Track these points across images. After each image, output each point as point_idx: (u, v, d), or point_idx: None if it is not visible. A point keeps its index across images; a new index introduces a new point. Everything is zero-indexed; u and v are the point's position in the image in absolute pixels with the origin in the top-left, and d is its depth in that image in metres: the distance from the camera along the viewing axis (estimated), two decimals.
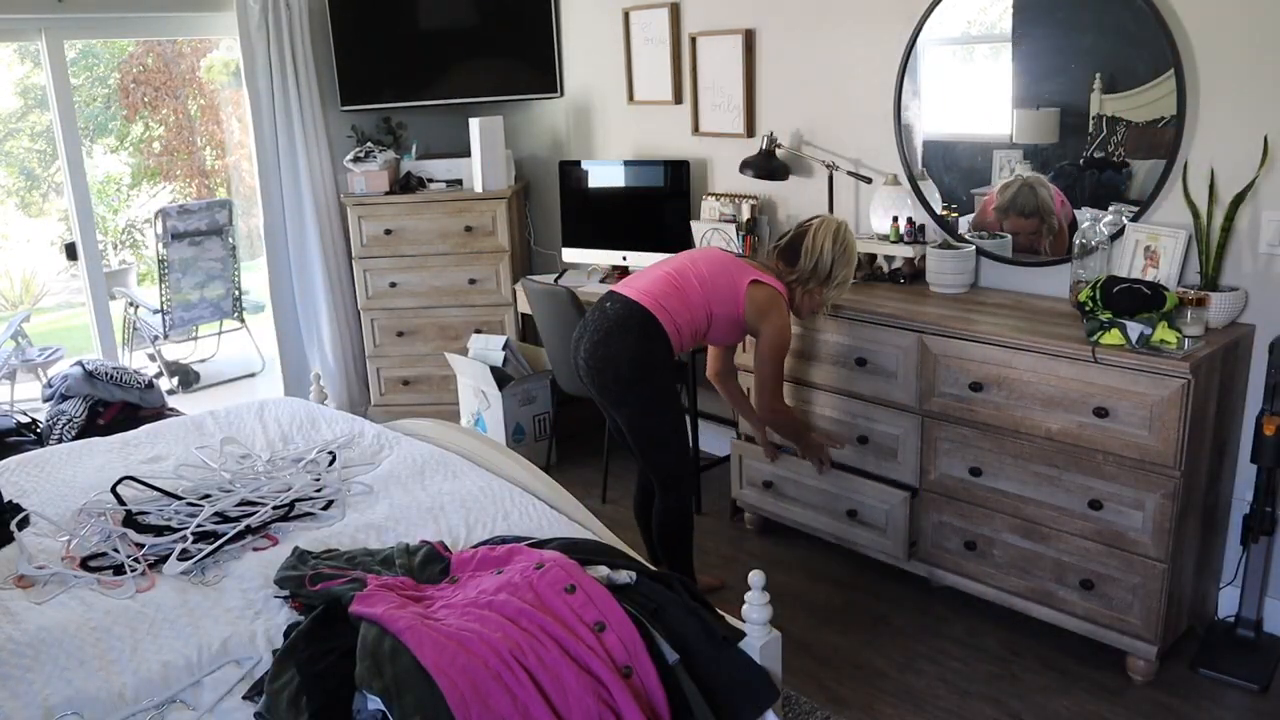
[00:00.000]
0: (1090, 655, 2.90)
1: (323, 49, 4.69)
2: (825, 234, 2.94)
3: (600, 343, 2.87)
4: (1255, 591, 2.83)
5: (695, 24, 4.08)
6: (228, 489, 2.63)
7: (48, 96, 4.29)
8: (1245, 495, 2.85)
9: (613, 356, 2.85)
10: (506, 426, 4.33)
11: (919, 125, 3.44)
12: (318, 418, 3.23)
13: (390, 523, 2.49)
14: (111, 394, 4.07)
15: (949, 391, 2.98)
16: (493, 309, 4.69)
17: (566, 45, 4.68)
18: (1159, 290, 2.64)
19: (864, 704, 2.75)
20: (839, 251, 2.95)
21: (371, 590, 1.99)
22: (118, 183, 8.52)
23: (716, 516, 3.91)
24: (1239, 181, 2.73)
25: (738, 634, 1.97)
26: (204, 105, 8.36)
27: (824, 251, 2.93)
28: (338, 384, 4.93)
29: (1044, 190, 3.15)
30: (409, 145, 4.91)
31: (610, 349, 2.85)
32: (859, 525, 3.28)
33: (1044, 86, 3.12)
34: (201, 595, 2.18)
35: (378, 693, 1.71)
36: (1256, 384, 2.80)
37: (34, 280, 8.33)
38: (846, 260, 2.97)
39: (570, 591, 1.90)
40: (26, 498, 2.67)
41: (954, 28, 3.29)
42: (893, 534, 3.19)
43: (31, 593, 2.19)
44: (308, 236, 4.75)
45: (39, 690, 1.85)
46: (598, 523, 2.58)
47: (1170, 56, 2.79)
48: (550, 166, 4.84)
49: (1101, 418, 2.67)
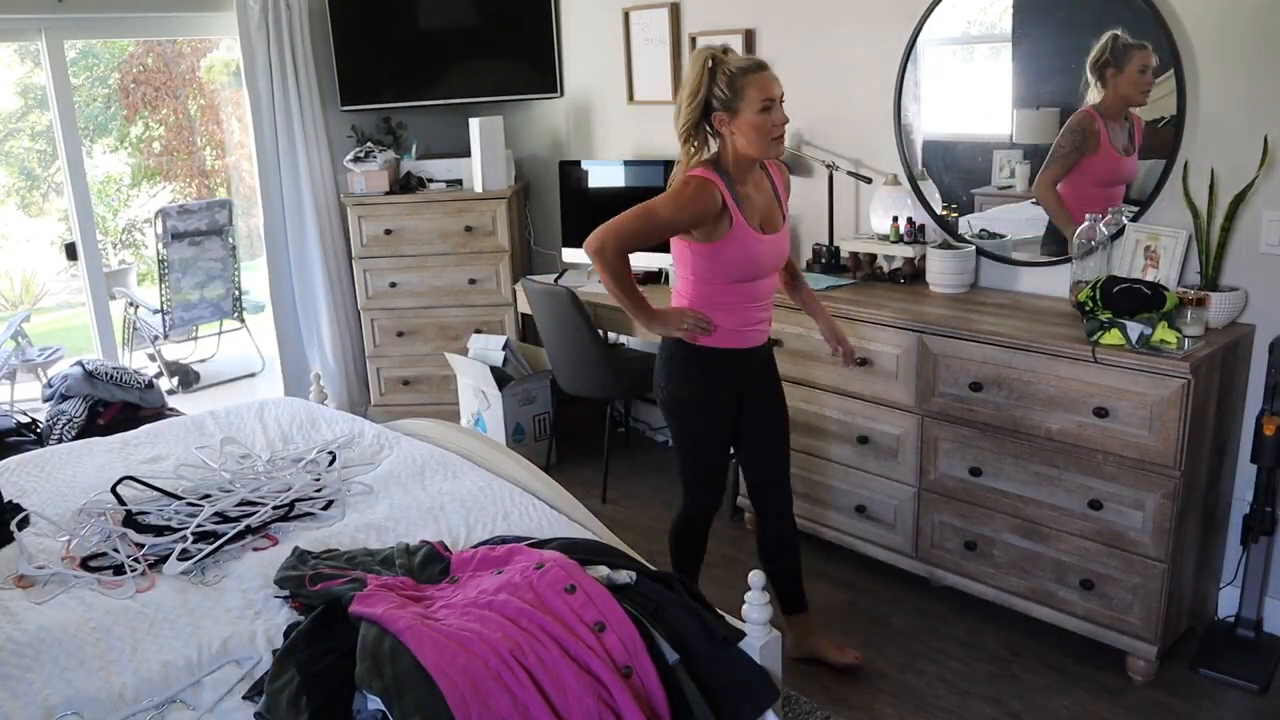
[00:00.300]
0: (1090, 655, 2.90)
1: (323, 49, 4.69)
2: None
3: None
4: (1255, 591, 2.83)
5: (695, 24, 4.08)
6: (228, 489, 2.63)
7: (48, 96, 4.29)
8: (1245, 495, 2.85)
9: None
10: (506, 426, 4.33)
11: (919, 125, 3.44)
12: (318, 418, 3.23)
13: (390, 523, 2.49)
14: (111, 394, 4.07)
15: (949, 391, 2.98)
16: (493, 309, 4.69)
17: (566, 45, 4.68)
18: (1159, 290, 2.64)
19: (864, 704, 2.75)
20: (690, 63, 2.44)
21: (371, 590, 1.99)
22: (118, 183, 8.53)
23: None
24: (1239, 181, 2.73)
25: (738, 634, 1.97)
26: (204, 105, 8.36)
27: (685, 79, 2.45)
28: (338, 384, 4.93)
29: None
30: (409, 145, 4.91)
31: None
32: (867, 521, 3.29)
33: (1044, 86, 3.12)
34: (201, 595, 2.18)
35: (378, 693, 1.71)
36: (1256, 384, 2.80)
37: (34, 280, 8.33)
38: (688, 79, 2.42)
39: (570, 591, 1.90)
40: (26, 498, 2.67)
41: (954, 28, 3.29)
42: (901, 529, 3.19)
43: (31, 593, 2.19)
44: (308, 236, 4.75)
45: (39, 690, 1.85)
46: (598, 523, 2.58)
47: (1170, 56, 2.80)
48: (550, 166, 4.84)
49: (1101, 418, 2.67)
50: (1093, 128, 2.96)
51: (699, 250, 2.48)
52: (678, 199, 2.42)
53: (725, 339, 2.55)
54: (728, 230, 2.43)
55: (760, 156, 2.46)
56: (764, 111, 2.37)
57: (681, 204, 2.41)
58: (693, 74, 2.41)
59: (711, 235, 2.44)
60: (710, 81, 2.38)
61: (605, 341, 3.98)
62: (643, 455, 4.57)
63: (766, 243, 2.50)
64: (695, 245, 2.47)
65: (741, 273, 2.49)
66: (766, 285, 2.58)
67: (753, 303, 2.56)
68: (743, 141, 2.41)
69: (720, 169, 2.45)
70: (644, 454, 4.58)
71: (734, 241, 2.45)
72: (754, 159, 2.47)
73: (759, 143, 2.40)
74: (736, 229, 2.44)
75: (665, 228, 2.44)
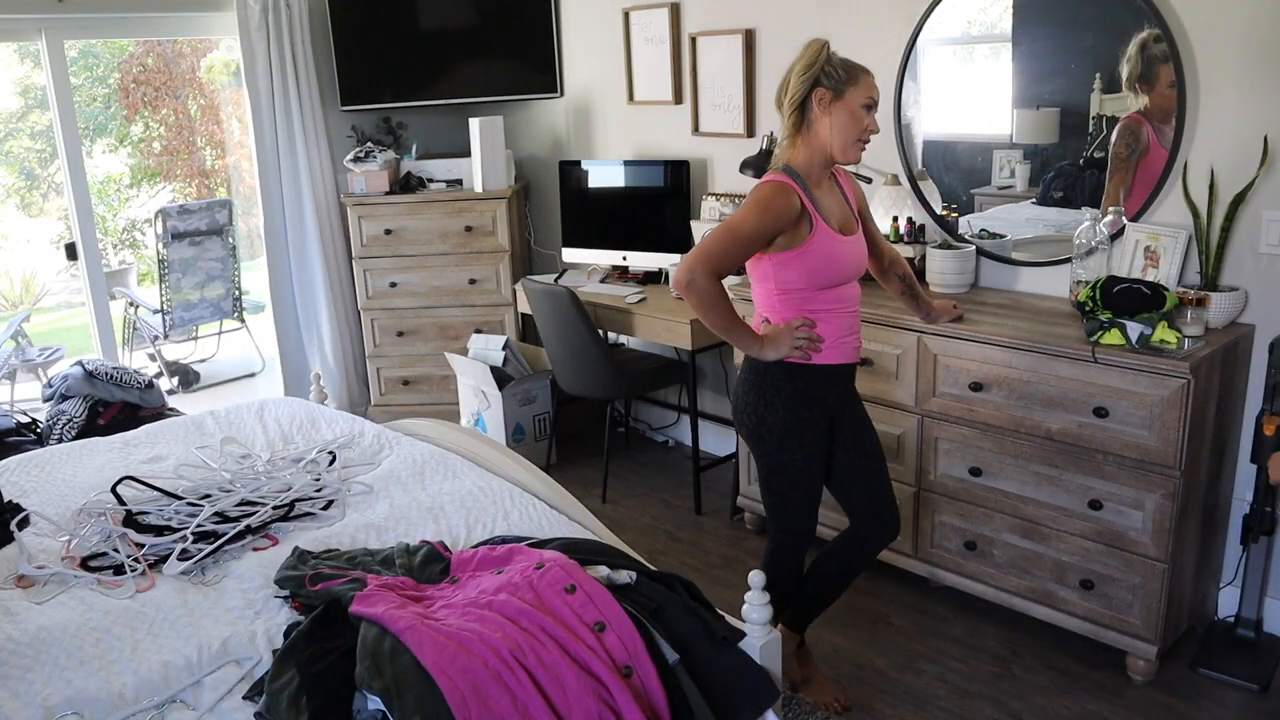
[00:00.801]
0: (1090, 655, 2.90)
1: (323, 49, 4.69)
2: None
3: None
4: (1255, 591, 2.83)
5: (695, 24, 4.08)
6: (228, 489, 2.63)
7: (48, 96, 4.29)
8: (1245, 495, 2.85)
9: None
10: (506, 426, 4.33)
11: (919, 125, 3.44)
12: (318, 418, 3.23)
13: (390, 523, 2.49)
14: (111, 394, 4.07)
15: (949, 391, 2.98)
16: (493, 309, 4.69)
17: (566, 45, 4.68)
18: (1159, 290, 2.64)
19: (864, 704, 2.75)
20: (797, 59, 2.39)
21: (371, 590, 1.99)
22: (118, 183, 8.53)
23: (716, 516, 3.91)
24: (1239, 181, 2.73)
25: (738, 634, 1.96)
26: (204, 105, 8.36)
27: (798, 58, 2.39)
28: (338, 384, 4.93)
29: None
30: (409, 145, 4.91)
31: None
32: None
33: (1044, 86, 3.12)
34: (201, 595, 2.18)
35: (378, 693, 1.71)
36: (1256, 384, 2.80)
37: (34, 280, 8.33)
38: (803, 56, 2.37)
39: (570, 591, 1.90)
40: (26, 498, 2.67)
41: (954, 28, 3.29)
42: (901, 529, 3.18)
43: (31, 593, 2.19)
44: (308, 236, 4.75)
45: (39, 690, 1.85)
46: (598, 523, 2.58)
47: (1171, 56, 2.79)
48: (550, 166, 4.84)
49: (1101, 418, 2.67)
50: (1141, 133, 2.93)
51: (782, 260, 2.38)
52: (758, 206, 2.32)
53: (826, 354, 2.44)
54: (809, 234, 2.35)
55: (838, 154, 2.37)
56: (865, 108, 2.35)
57: (763, 210, 2.32)
58: (808, 52, 2.36)
59: (793, 241, 2.35)
60: (826, 62, 2.34)
61: (605, 341, 3.98)
62: (643, 455, 4.57)
63: (848, 244, 2.43)
64: (778, 256, 2.38)
65: (830, 276, 2.40)
66: (854, 292, 2.49)
67: (848, 310, 2.46)
68: (829, 131, 2.34)
69: (793, 174, 2.38)
70: (644, 454, 4.58)
71: (817, 243, 2.36)
72: (829, 160, 2.39)
73: (847, 135, 2.34)
74: (818, 231, 2.35)
75: (751, 240, 2.33)
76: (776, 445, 2.48)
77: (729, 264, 2.34)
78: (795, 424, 2.46)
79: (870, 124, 2.36)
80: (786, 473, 2.52)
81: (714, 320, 2.36)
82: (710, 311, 2.35)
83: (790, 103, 2.38)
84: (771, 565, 2.63)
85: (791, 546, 2.63)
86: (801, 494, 2.55)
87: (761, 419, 2.47)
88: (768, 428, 2.47)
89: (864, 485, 2.61)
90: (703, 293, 2.32)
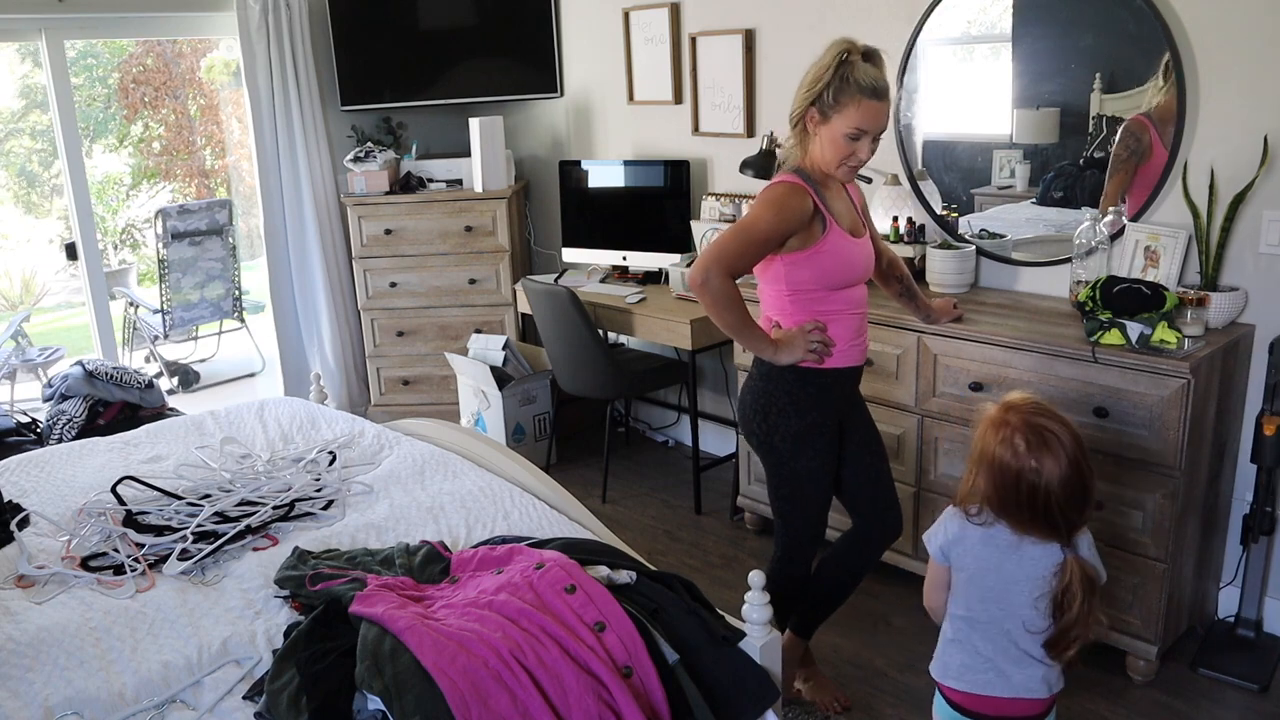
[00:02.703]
0: (1090, 655, 2.89)
1: (323, 49, 4.69)
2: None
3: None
4: (1255, 591, 2.83)
5: (695, 24, 4.08)
6: (228, 489, 2.63)
7: (48, 96, 4.30)
8: (1245, 495, 2.85)
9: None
10: (506, 426, 4.33)
11: (919, 125, 3.44)
12: (318, 418, 3.23)
13: (390, 523, 2.49)
14: (111, 394, 4.07)
15: (949, 391, 2.98)
16: (493, 309, 4.69)
17: (566, 45, 4.68)
18: (1159, 290, 2.64)
19: (864, 704, 2.75)
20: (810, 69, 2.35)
21: (371, 590, 1.99)
22: (117, 183, 8.53)
23: (717, 516, 3.91)
24: (1239, 181, 2.73)
25: (738, 634, 1.96)
26: (204, 105, 8.36)
27: (815, 61, 2.36)
28: (338, 384, 4.93)
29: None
30: (409, 145, 4.91)
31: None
32: None
33: (1044, 86, 3.12)
34: (201, 595, 2.18)
35: (378, 693, 1.71)
36: (1256, 384, 2.80)
37: (34, 280, 8.33)
38: (819, 62, 2.33)
39: (570, 591, 1.90)
40: (26, 498, 2.67)
41: (954, 28, 3.29)
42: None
43: (31, 593, 2.19)
44: (308, 236, 4.75)
45: (39, 690, 1.85)
46: (598, 523, 2.58)
47: (1170, 56, 2.79)
48: (550, 166, 4.84)
49: (1101, 418, 2.66)
50: (1145, 135, 2.92)
51: (795, 260, 2.36)
52: (773, 206, 2.31)
53: (837, 357, 2.42)
54: (822, 235, 2.34)
55: (830, 172, 2.37)
56: (849, 138, 2.30)
57: (778, 210, 2.30)
58: (822, 61, 2.33)
59: (806, 241, 2.34)
60: (831, 77, 2.29)
61: (605, 341, 3.98)
62: (643, 455, 4.57)
63: (858, 245, 2.42)
64: (790, 256, 2.36)
65: (842, 277, 2.39)
66: (863, 294, 2.47)
67: (857, 312, 2.45)
68: (819, 149, 2.35)
69: (804, 175, 2.37)
70: (644, 454, 4.58)
71: (829, 242, 2.35)
72: (827, 171, 2.39)
73: (830, 159, 2.34)
74: (831, 232, 2.34)
75: (767, 240, 2.31)
76: (790, 453, 2.46)
77: (744, 264, 2.33)
78: (808, 430, 2.44)
79: (855, 151, 2.32)
80: (800, 480, 2.49)
81: (728, 321, 2.34)
82: (725, 312, 2.33)
83: (791, 118, 2.40)
84: (779, 571, 2.60)
85: (801, 552, 2.60)
86: (814, 499, 2.53)
87: (773, 428, 2.45)
88: (780, 436, 2.45)
89: (870, 486, 2.60)
90: (717, 293, 2.30)
